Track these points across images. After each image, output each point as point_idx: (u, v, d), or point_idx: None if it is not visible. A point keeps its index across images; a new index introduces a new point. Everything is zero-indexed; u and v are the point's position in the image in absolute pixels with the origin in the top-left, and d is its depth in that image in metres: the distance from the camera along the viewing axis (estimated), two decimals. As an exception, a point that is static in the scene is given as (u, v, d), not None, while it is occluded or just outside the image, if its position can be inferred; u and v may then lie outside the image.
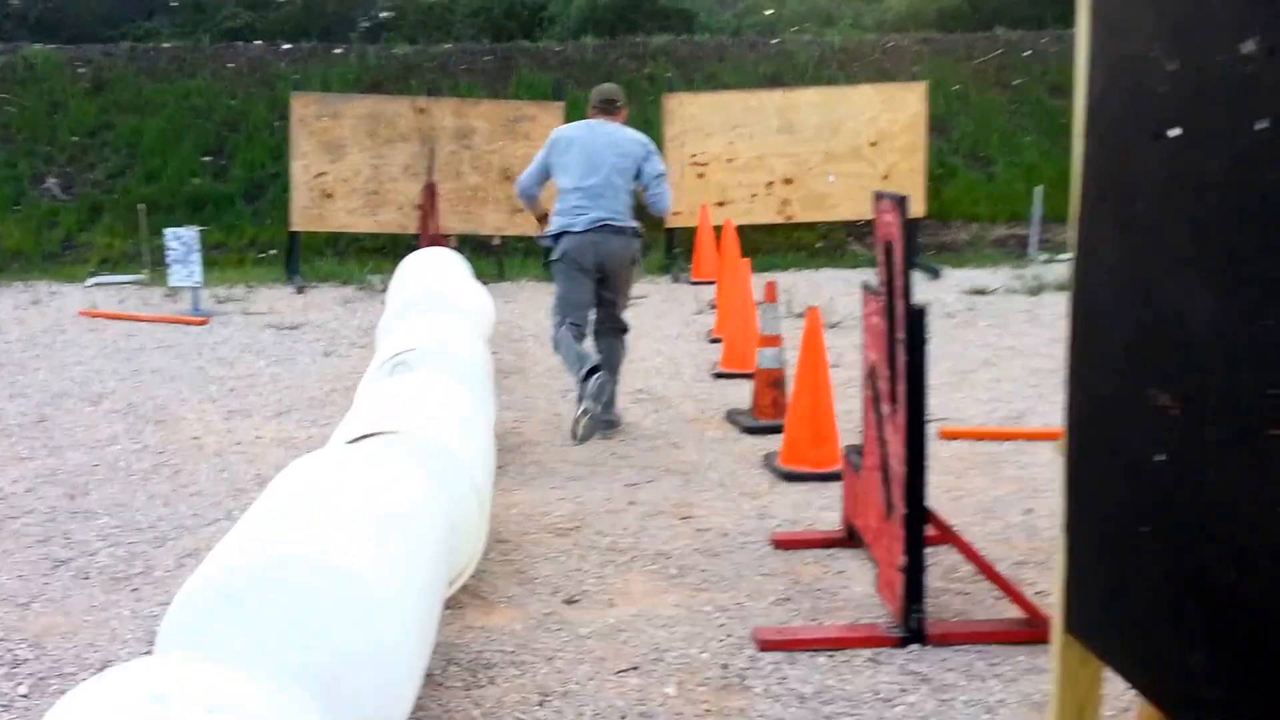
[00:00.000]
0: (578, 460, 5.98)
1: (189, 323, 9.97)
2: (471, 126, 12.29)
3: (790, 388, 6.56)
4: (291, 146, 12.15)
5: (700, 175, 12.60)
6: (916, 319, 3.71)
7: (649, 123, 15.71)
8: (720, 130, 12.58)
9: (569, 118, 14.62)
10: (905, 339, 3.71)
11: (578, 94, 16.06)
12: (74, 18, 38.63)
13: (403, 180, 12.19)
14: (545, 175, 6.63)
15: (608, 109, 6.70)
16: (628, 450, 6.16)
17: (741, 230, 11.07)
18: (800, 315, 9.99)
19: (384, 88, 15.78)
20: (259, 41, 18.03)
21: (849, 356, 8.37)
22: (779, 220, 12.83)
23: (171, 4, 45.93)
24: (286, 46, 17.22)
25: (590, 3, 36.62)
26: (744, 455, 6.05)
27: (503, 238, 12.80)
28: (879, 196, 4.03)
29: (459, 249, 12.42)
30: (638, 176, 6.53)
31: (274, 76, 16.14)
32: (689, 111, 12.58)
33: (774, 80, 16.21)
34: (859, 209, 12.65)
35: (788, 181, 12.64)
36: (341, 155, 12.13)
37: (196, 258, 10.34)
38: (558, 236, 6.43)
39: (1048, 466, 5.77)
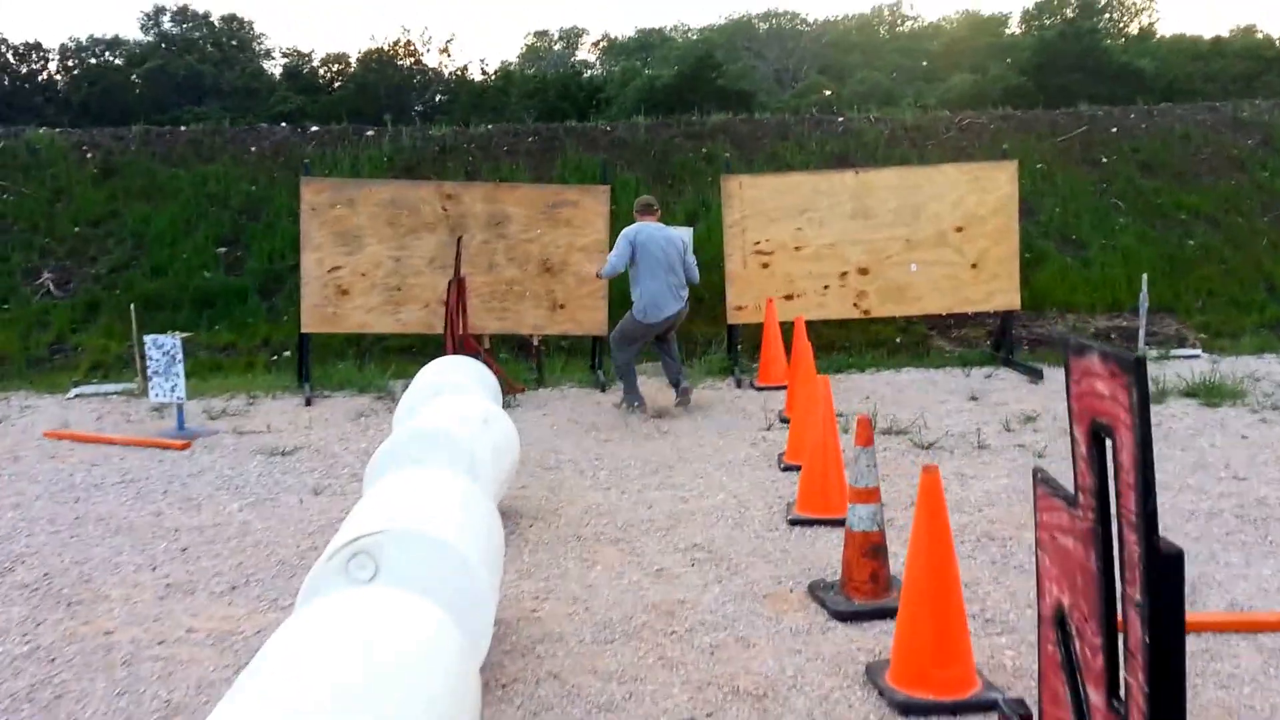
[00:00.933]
0: (612, 671, 4.40)
1: (167, 447, 8.57)
2: (506, 213, 10.93)
3: (885, 547, 5.07)
4: (302, 238, 10.84)
5: (765, 265, 11.12)
6: (1170, 570, 2.16)
7: (706, 206, 14.34)
8: (787, 215, 11.10)
9: (618, 203, 13.30)
10: (1148, 604, 2.16)
11: (628, 176, 14.76)
12: (122, 103, 38.38)
13: (428, 274, 10.83)
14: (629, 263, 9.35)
15: (650, 211, 9.59)
16: (681, 652, 4.58)
17: (812, 325, 9.60)
18: (890, 432, 8.47)
19: (418, 171, 14.59)
20: (284, 124, 16.90)
21: (954, 491, 6.79)
22: (855, 315, 11.27)
23: (224, 89, 45.83)
24: (314, 129, 16.07)
25: (647, 85, 35.66)
26: (838, 660, 4.47)
27: (543, 338, 11.39)
28: (1080, 349, 2.50)
29: (492, 351, 11.04)
30: None
31: (298, 160, 14.96)
32: (751, 195, 11.13)
33: (841, 160, 14.82)
34: (945, 302, 11.10)
35: (863, 272, 11.10)
36: (359, 247, 10.80)
37: (180, 369, 8.98)
38: (643, 309, 9.33)
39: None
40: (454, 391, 7.19)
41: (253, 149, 15.59)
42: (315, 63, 51.53)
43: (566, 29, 64.29)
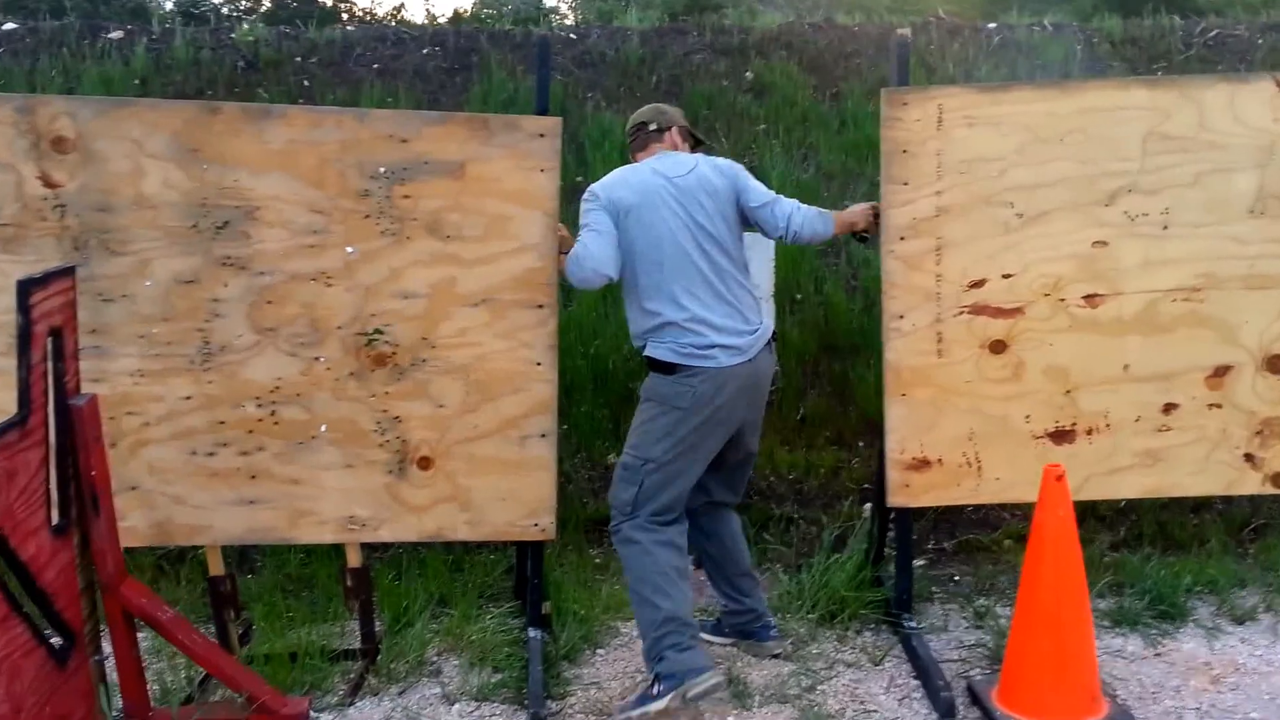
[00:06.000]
0: None
1: None
2: (252, 195, 3.73)
3: None
4: None
5: (1000, 347, 3.94)
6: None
7: (764, 181, 7.24)
8: (1066, 204, 3.90)
9: (585, 168, 6.38)
10: None
11: (607, 116, 7.66)
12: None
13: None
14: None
15: (655, 134, 3.93)
16: None
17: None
18: None
19: (210, 97, 7.42)
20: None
21: None
22: (1255, 489, 4.06)
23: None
24: (10, 26, 8.63)
25: (658, 11, 28.16)
26: None
27: (370, 552, 4.28)
28: None
29: (234, 606, 3.97)
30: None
31: (-32, 81, 7.76)
32: (973, 143, 3.91)
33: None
34: None
35: (1276, 365, 3.96)
36: None
37: None
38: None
39: None
40: None
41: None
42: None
43: (533, -29, 56.81)
